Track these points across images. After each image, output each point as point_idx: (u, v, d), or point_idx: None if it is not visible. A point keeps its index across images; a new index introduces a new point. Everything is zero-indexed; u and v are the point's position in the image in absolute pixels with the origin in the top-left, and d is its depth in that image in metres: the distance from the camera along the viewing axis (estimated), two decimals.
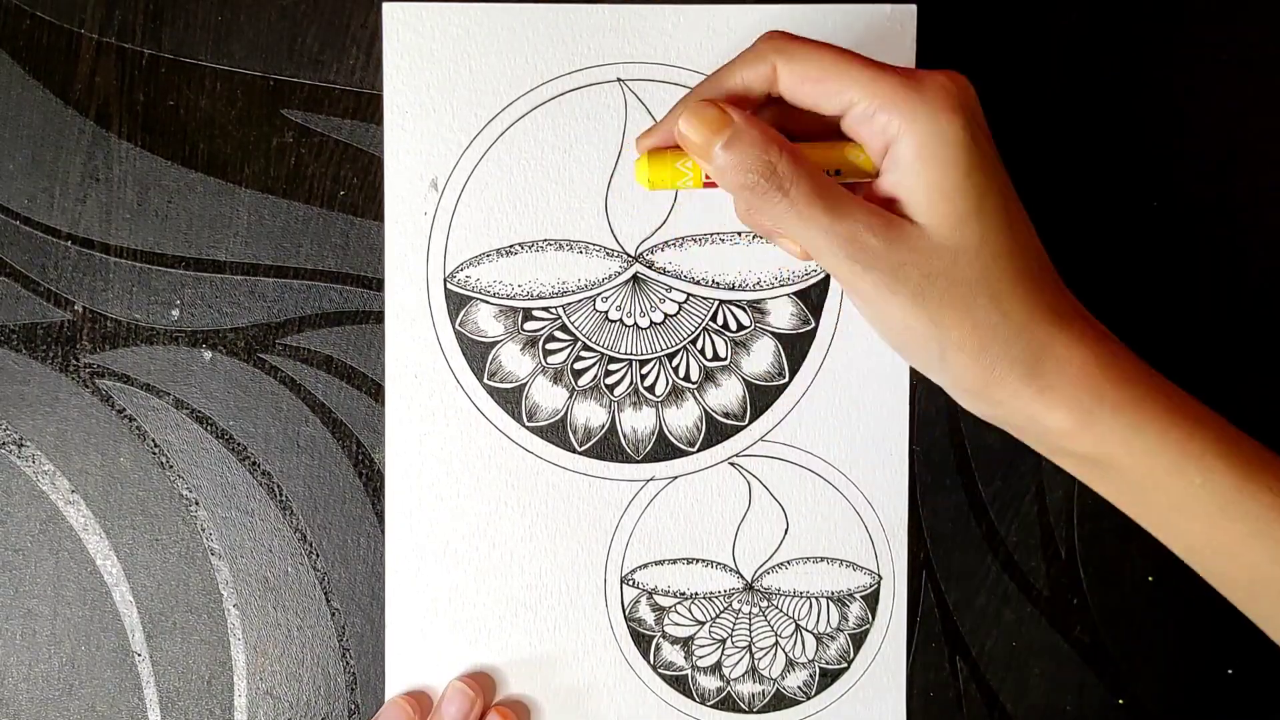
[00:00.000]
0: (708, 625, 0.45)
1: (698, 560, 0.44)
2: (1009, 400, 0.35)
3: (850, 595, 0.45)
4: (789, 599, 0.45)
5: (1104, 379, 0.34)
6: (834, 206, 0.33)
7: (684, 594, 0.44)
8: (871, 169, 0.36)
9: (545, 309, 0.44)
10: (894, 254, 0.34)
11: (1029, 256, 0.35)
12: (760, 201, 0.34)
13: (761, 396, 0.44)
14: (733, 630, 0.45)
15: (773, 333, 0.44)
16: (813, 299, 0.44)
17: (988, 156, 0.34)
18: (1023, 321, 0.34)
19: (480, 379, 0.44)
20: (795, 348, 0.44)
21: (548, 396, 0.44)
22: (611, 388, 0.44)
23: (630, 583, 0.44)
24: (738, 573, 0.44)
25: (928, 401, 0.45)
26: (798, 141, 0.35)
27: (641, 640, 0.44)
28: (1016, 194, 0.36)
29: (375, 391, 0.44)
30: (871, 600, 0.45)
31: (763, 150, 0.34)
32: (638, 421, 0.44)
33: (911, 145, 0.33)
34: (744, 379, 0.44)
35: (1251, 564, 0.35)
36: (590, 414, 0.44)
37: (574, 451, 0.44)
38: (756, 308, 0.44)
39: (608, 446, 0.44)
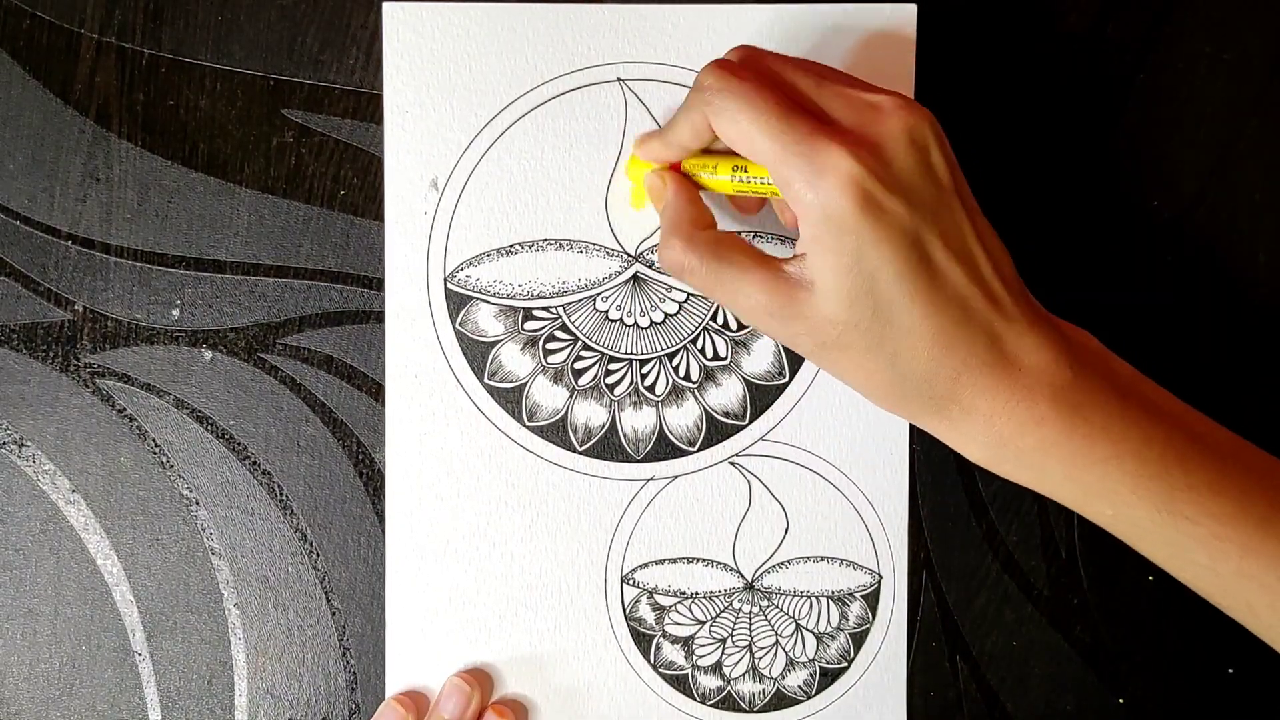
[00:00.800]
0: (708, 625, 0.45)
1: (698, 560, 0.44)
2: (931, 429, 0.37)
3: (850, 595, 0.45)
4: (789, 598, 0.45)
5: (1011, 427, 0.35)
6: (730, 290, 0.37)
7: (684, 593, 0.44)
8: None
9: (545, 309, 0.44)
10: (789, 327, 0.36)
11: (940, 313, 0.34)
12: (673, 276, 0.40)
13: (762, 396, 0.44)
14: (733, 630, 0.45)
15: None
16: None
17: (895, 226, 0.34)
18: (921, 379, 0.35)
19: (480, 379, 0.44)
20: None
21: (548, 396, 0.44)
22: (612, 387, 0.44)
23: (630, 582, 0.44)
24: (738, 572, 0.44)
25: None
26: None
27: (642, 640, 0.44)
28: (953, 235, 0.35)
29: (375, 391, 0.44)
30: (872, 600, 0.45)
31: (673, 250, 0.38)
32: (638, 421, 0.44)
33: (807, 229, 0.35)
34: (744, 378, 0.44)
35: (1180, 577, 0.37)
36: (590, 413, 0.44)
37: (574, 451, 0.44)
38: None
39: (608, 446, 0.44)
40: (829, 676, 0.45)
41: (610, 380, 0.44)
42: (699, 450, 0.44)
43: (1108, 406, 0.35)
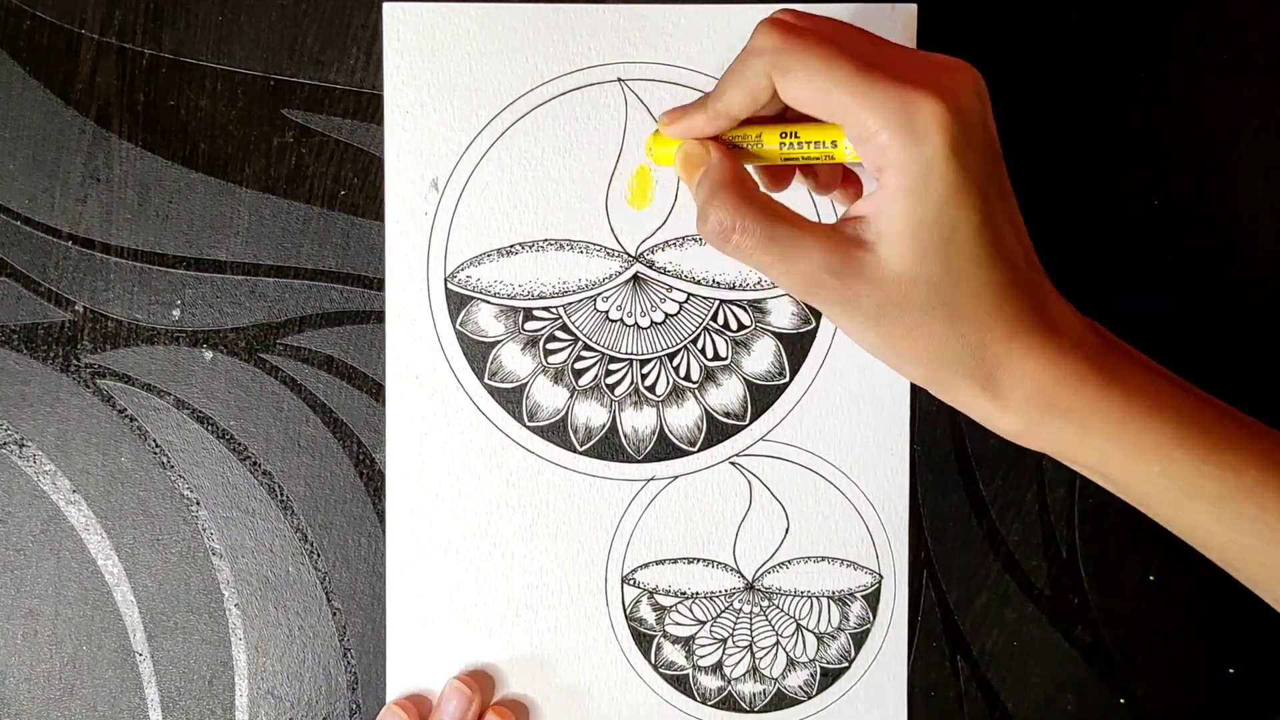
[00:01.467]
0: (709, 625, 0.45)
1: (698, 560, 0.44)
2: (964, 402, 0.36)
3: (851, 594, 0.45)
4: (790, 598, 0.45)
5: (1058, 385, 0.35)
6: (787, 252, 0.35)
7: (685, 593, 0.44)
8: (854, 159, 0.36)
9: (546, 309, 0.44)
10: (848, 288, 0.34)
11: (1000, 271, 0.34)
12: (718, 242, 0.36)
13: (762, 396, 0.44)
14: (734, 630, 0.45)
15: (773, 332, 0.44)
16: None
17: (973, 179, 0.34)
18: (978, 339, 0.35)
19: (481, 379, 0.44)
20: (796, 347, 0.44)
21: (548, 396, 0.44)
22: (612, 387, 0.44)
23: (631, 582, 0.44)
24: (738, 572, 0.44)
25: (928, 400, 0.45)
26: (794, 117, 0.36)
27: (642, 640, 0.44)
28: (1006, 197, 0.35)
29: (376, 391, 0.44)
30: (872, 599, 0.45)
31: (723, 209, 0.35)
32: (638, 421, 0.44)
33: (894, 178, 0.34)
34: (745, 378, 0.44)
35: (1224, 538, 0.36)
36: (591, 414, 0.44)
37: (575, 451, 0.44)
38: (757, 307, 0.44)
39: (608, 446, 0.44)
40: (830, 676, 0.45)
41: (611, 380, 0.44)
42: (699, 450, 0.44)
43: (1139, 372, 0.36)
